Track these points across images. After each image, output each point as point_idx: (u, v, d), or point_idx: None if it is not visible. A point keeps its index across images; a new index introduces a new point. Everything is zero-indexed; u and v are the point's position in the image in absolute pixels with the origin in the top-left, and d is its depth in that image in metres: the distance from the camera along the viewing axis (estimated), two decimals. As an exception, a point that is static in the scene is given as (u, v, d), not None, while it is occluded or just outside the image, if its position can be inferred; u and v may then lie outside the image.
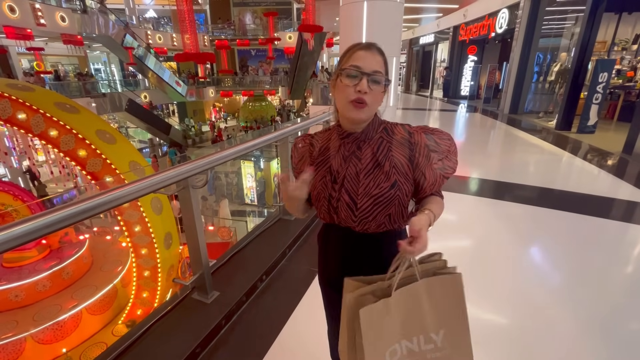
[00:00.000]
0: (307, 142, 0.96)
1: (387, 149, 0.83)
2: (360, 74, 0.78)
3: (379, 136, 0.85)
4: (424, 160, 0.83)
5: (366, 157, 0.84)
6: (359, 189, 0.82)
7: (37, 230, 0.81)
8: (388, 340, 0.73)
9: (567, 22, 8.90)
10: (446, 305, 0.74)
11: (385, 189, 0.81)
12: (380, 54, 0.81)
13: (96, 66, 22.95)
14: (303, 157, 0.95)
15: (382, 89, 0.81)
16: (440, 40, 16.74)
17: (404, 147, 0.83)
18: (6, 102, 4.36)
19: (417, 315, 0.74)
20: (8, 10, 10.11)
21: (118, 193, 0.96)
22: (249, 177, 11.68)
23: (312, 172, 0.85)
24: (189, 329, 1.43)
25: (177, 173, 1.16)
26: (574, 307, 1.88)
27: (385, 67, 0.81)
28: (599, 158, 5.20)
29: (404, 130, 0.85)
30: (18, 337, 4.25)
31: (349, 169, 0.84)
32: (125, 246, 5.66)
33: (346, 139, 0.86)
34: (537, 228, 2.95)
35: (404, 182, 0.82)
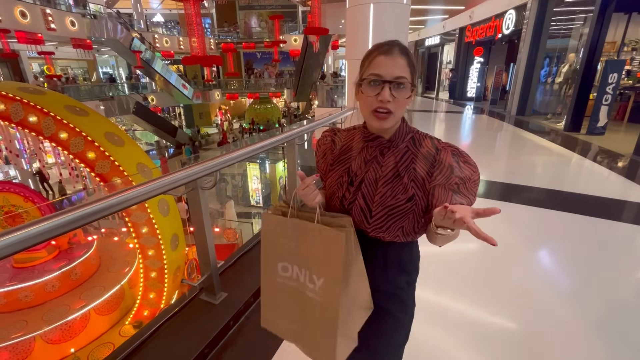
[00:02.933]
0: (329, 139, 0.94)
1: (409, 161, 0.80)
2: (382, 82, 0.73)
3: (405, 145, 0.81)
4: (441, 179, 0.78)
5: (388, 164, 0.81)
6: (375, 197, 0.80)
7: (52, 230, 0.83)
8: (282, 254, 0.85)
9: (575, 22, 8.80)
10: (328, 258, 0.77)
11: (401, 201, 0.78)
12: (404, 55, 0.75)
13: (104, 70, 23.30)
14: (325, 154, 0.93)
15: (408, 94, 0.75)
16: (446, 42, 16.68)
17: (427, 161, 0.79)
18: (18, 105, 4.45)
19: (308, 252, 0.80)
20: (20, 16, 10.33)
21: (130, 194, 0.97)
22: (254, 179, 11.73)
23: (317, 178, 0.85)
24: (197, 329, 1.43)
25: (186, 174, 1.18)
26: (583, 311, 1.84)
27: (410, 69, 0.75)
28: (609, 160, 5.12)
29: (432, 145, 0.81)
30: (27, 336, 4.31)
31: (369, 173, 0.82)
32: (133, 247, 5.72)
33: (371, 142, 0.83)
34: (546, 230, 2.91)
35: (421, 197, 0.79)
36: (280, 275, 0.86)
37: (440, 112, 11.74)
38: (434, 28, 16.87)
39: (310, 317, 0.83)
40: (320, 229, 0.77)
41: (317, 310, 0.81)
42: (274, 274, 0.87)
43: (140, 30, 16.31)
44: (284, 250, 0.84)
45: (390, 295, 0.88)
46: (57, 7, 11.85)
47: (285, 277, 0.86)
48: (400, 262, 0.87)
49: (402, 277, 0.89)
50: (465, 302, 1.93)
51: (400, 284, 0.89)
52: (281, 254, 0.85)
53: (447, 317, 1.82)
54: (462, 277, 2.20)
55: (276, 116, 20.34)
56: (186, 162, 1.23)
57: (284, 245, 0.84)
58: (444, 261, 2.37)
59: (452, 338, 1.66)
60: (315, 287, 0.80)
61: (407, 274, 0.90)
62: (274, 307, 0.90)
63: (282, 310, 0.89)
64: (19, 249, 0.78)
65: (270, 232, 0.85)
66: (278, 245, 0.85)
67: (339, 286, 0.76)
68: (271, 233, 0.85)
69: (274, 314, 0.90)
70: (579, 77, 7.01)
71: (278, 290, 0.87)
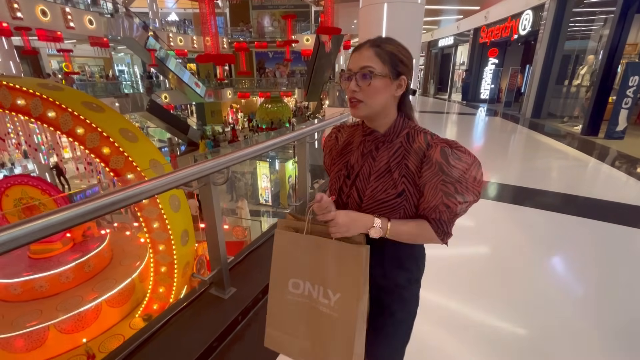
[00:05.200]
0: (333, 136, 0.98)
1: (401, 157, 0.81)
2: (350, 74, 0.78)
3: (400, 141, 0.82)
4: (429, 175, 0.77)
5: (381, 159, 0.83)
6: (367, 190, 0.82)
7: (73, 219, 0.85)
8: (294, 271, 0.84)
9: (594, 23, 8.57)
10: (347, 274, 0.78)
11: (391, 196, 0.79)
12: (373, 47, 0.77)
13: (120, 67, 23.79)
14: (330, 150, 0.97)
15: (371, 82, 0.76)
16: (460, 43, 16.45)
17: (417, 157, 0.79)
18: (38, 101, 4.58)
19: (322, 267, 0.80)
20: (40, 14, 10.63)
21: (146, 186, 0.99)
22: (264, 177, 11.80)
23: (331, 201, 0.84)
24: (206, 323, 1.45)
25: (199, 169, 1.19)
26: (596, 319, 1.79)
27: (381, 59, 0.76)
28: (628, 165, 4.97)
29: (424, 140, 0.80)
30: (42, 325, 4.43)
31: (364, 167, 0.84)
32: (144, 242, 5.82)
33: (368, 136, 0.86)
34: (560, 235, 2.84)
35: (413, 193, 0.79)
36: (290, 292, 0.85)
37: (452, 113, 11.59)
38: (447, 28, 16.65)
39: (324, 332, 0.82)
40: (339, 245, 0.78)
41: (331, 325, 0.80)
42: (283, 292, 0.86)
43: (155, 29, 16.58)
44: (297, 266, 0.84)
45: (390, 292, 0.88)
46: (76, 6, 12.15)
47: (295, 294, 0.85)
48: (398, 258, 0.87)
49: (401, 273, 0.88)
50: (474, 305, 1.90)
51: (400, 281, 0.88)
52: (293, 270, 0.84)
53: (454, 319, 1.80)
54: (471, 280, 2.16)
55: (287, 115, 20.41)
56: (198, 158, 1.25)
57: (296, 261, 0.83)
58: (453, 262, 2.33)
59: (458, 341, 1.64)
60: (330, 302, 0.80)
61: (407, 271, 0.89)
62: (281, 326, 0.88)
63: (290, 327, 0.87)
64: (42, 236, 0.80)
65: (284, 249, 0.85)
66: (290, 261, 0.84)
67: (357, 301, 0.77)
68: (284, 250, 0.85)
69: (279, 333, 0.89)
70: (598, 80, 6.82)
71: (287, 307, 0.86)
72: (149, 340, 1.37)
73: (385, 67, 0.76)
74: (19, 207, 5.05)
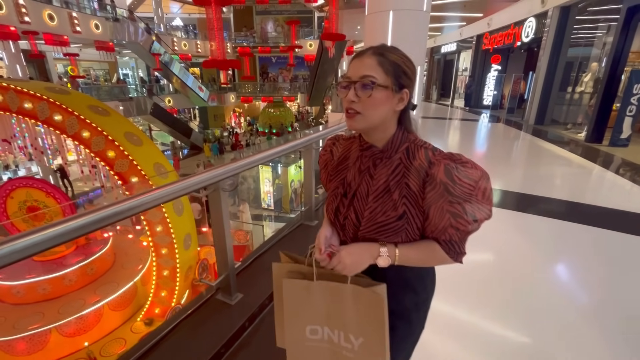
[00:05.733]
0: (328, 150, 0.91)
1: (401, 175, 0.74)
2: (349, 83, 0.72)
3: (399, 157, 0.75)
4: (433, 196, 0.70)
5: (379, 177, 0.76)
6: (365, 212, 0.76)
7: (86, 226, 0.85)
8: (310, 318, 0.79)
9: (598, 31, 8.60)
10: (368, 318, 0.74)
11: (391, 219, 0.73)
12: (376, 55, 0.71)
13: (124, 71, 24.00)
14: (326, 165, 0.91)
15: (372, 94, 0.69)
16: (463, 49, 16.53)
17: (419, 176, 0.72)
18: (44, 104, 4.62)
19: (340, 312, 0.76)
20: (48, 19, 10.77)
21: (160, 192, 1.00)
22: (266, 181, 11.81)
23: None
24: (213, 329, 1.44)
25: (210, 176, 1.20)
26: (603, 328, 1.78)
27: (383, 68, 0.70)
28: (633, 172, 4.95)
29: (425, 157, 0.72)
30: (44, 328, 4.42)
31: (361, 186, 0.78)
32: (146, 245, 5.82)
33: (365, 151, 0.79)
34: (563, 243, 2.83)
35: (415, 215, 0.73)
36: (309, 339, 0.81)
37: (455, 119, 11.61)
38: (450, 35, 16.75)
39: None
40: (356, 289, 0.73)
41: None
42: (302, 339, 0.81)
43: (160, 34, 16.76)
44: (312, 313, 0.79)
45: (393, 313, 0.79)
46: (82, 11, 12.31)
47: (315, 340, 0.81)
48: (405, 279, 0.80)
49: (408, 295, 0.82)
50: (478, 313, 1.89)
51: (407, 304, 0.82)
52: (309, 317, 0.79)
53: (460, 327, 1.78)
54: (475, 287, 2.15)
55: (289, 120, 20.50)
56: (204, 162, 1.26)
57: (311, 308, 0.78)
58: (456, 269, 2.32)
59: (463, 348, 1.63)
60: (353, 347, 0.76)
61: (414, 293, 0.83)
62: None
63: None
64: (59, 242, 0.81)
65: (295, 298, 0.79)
66: (305, 308, 0.79)
67: (384, 344, 0.73)
68: (296, 298, 0.79)
69: None
70: (602, 87, 6.82)
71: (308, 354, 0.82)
72: (156, 345, 1.37)
73: (388, 78, 0.70)
74: (23, 209, 5.02)
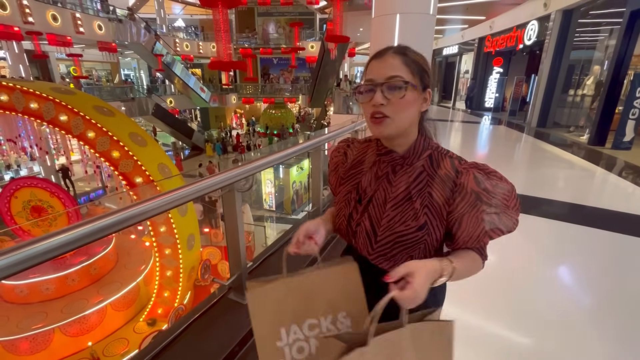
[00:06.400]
0: (341, 151, 0.87)
1: (424, 184, 0.71)
2: (374, 86, 0.68)
3: (421, 164, 0.72)
4: (465, 207, 0.68)
5: (399, 185, 0.73)
6: (382, 220, 0.72)
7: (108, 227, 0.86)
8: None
9: (600, 34, 8.63)
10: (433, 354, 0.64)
11: (411, 229, 0.69)
12: (398, 54, 0.69)
13: (126, 72, 24.06)
14: (336, 167, 0.86)
15: (405, 94, 0.67)
16: (465, 52, 16.58)
17: (445, 186, 0.70)
18: (50, 105, 4.64)
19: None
20: (51, 19, 10.82)
21: (177, 194, 1.01)
22: (268, 182, 11.83)
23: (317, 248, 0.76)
24: (227, 328, 1.45)
25: (228, 177, 1.21)
26: (606, 330, 1.78)
27: (409, 68, 0.68)
28: (635, 175, 4.96)
29: (451, 166, 0.71)
30: (47, 328, 4.42)
31: (378, 192, 0.74)
32: (149, 245, 5.83)
33: (384, 156, 0.76)
34: (567, 245, 2.84)
35: (436, 226, 0.70)
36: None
37: (456, 121, 11.63)
38: (452, 37, 16.80)
39: None
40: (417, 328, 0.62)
41: None
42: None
43: (162, 35, 16.82)
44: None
45: None
46: (85, 12, 12.36)
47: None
48: None
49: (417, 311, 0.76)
50: (480, 314, 1.90)
51: None
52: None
53: (462, 329, 1.79)
54: (477, 288, 2.16)
55: (290, 121, 20.54)
56: (200, 164, 1.26)
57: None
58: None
59: (466, 351, 1.63)
60: None
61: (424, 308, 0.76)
62: None
63: None
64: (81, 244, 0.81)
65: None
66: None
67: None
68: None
69: None
70: (605, 90, 6.85)
71: None
72: (170, 345, 1.38)
73: (415, 78, 0.68)
74: (27, 208, 5.02)
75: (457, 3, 9.99)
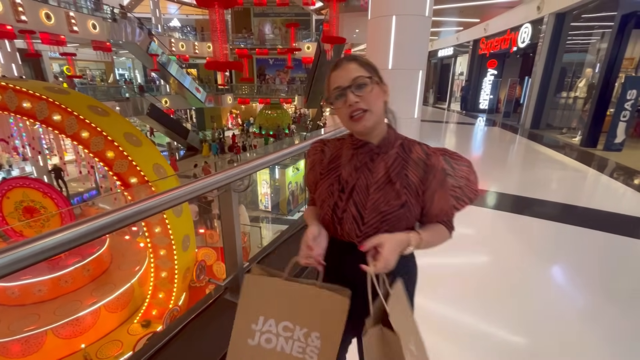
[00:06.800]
0: (318, 149, 0.93)
1: (401, 167, 0.80)
2: (342, 90, 0.77)
3: (395, 151, 0.82)
4: (436, 185, 0.79)
5: (378, 170, 0.81)
6: (367, 203, 0.79)
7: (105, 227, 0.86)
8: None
9: (592, 37, 8.77)
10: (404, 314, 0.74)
11: (394, 207, 0.78)
12: (352, 61, 0.79)
13: (121, 71, 23.86)
14: (313, 166, 0.92)
15: (373, 89, 0.77)
16: (459, 54, 16.71)
17: (418, 167, 0.79)
18: (43, 104, 4.59)
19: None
20: (44, 18, 10.70)
21: (169, 196, 1.00)
22: (264, 183, 11.80)
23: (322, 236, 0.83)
24: (224, 328, 1.45)
25: (225, 177, 1.21)
26: (597, 329, 1.81)
27: (365, 68, 0.78)
28: (626, 176, 5.05)
29: (422, 151, 0.81)
30: (39, 330, 4.36)
31: (360, 180, 0.82)
32: (143, 246, 5.78)
33: (360, 149, 0.84)
34: (560, 245, 2.88)
35: (414, 203, 0.79)
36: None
37: (451, 123, 11.72)
38: (447, 39, 16.93)
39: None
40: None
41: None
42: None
43: (158, 34, 16.72)
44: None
45: None
46: (79, 11, 12.24)
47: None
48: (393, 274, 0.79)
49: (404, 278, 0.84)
50: (474, 314, 1.92)
51: None
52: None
53: (457, 328, 1.81)
54: (472, 288, 2.19)
55: (286, 122, 20.52)
56: (195, 165, 1.26)
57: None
58: (453, 271, 2.35)
59: (461, 350, 1.65)
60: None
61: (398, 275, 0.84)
62: None
63: None
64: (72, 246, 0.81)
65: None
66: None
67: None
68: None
69: None
70: (596, 93, 6.95)
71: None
72: (166, 345, 1.37)
73: (373, 74, 0.79)
74: (19, 209, 4.95)
75: (453, 5, 10.08)
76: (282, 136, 18.56)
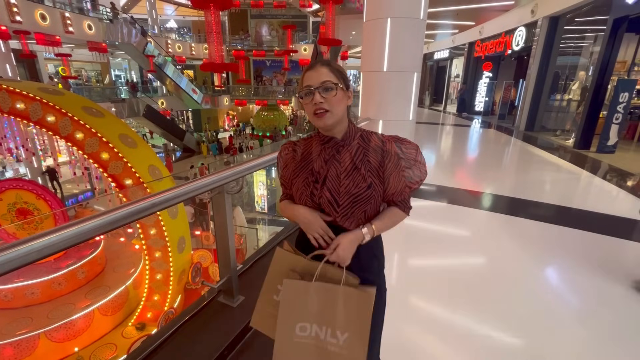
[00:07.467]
0: (290, 149, 1.04)
1: (363, 154, 0.92)
2: (311, 90, 0.87)
3: (357, 142, 0.94)
4: (392, 167, 0.91)
5: (345, 160, 0.92)
6: (340, 188, 0.91)
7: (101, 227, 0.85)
8: (301, 315, 0.89)
9: (585, 41, 8.87)
10: (356, 315, 0.84)
11: (363, 189, 0.90)
12: (325, 65, 0.90)
13: (117, 72, 23.73)
14: (287, 165, 1.02)
15: (336, 94, 0.88)
16: (455, 56, 16.82)
17: (377, 153, 0.92)
18: (37, 105, 4.55)
19: (330, 311, 0.86)
20: (39, 18, 10.61)
21: (169, 194, 1.00)
22: (260, 185, 11.78)
23: None
24: (216, 331, 1.44)
25: (215, 179, 1.21)
26: (590, 329, 1.83)
27: (335, 74, 0.89)
28: (619, 178, 5.10)
29: (378, 139, 0.94)
30: (32, 334, 4.31)
31: (330, 170, 0.93)
32: (138, 248, 5.74)
33: (327, 144, 0.95)
34: (553, 246, 2.90)
35: (378, 183, 0.91)
36: (297, 335, 0.89)
37: (447, 124, 11.78)
38: (443, 42, 17.05)
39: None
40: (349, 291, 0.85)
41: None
42: (290, 337, 0.89)
43: (154, 36, 16.66)
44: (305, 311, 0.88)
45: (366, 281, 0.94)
46: (75, 11, 12.17)
47: (302, 337, 0.89)
48: (369, 247, 0.95)
49: (373, 260, 0.99)
50: (469, 315, 1.93)
51: (373, 269, 0.99)
52: (300, 315, 0.89)
53: (452, 330, 1.82)
54: (466, 289, 2.19)
55: (283, 123, 20.50)
56: (192, 166, 1.26)
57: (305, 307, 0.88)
58: (448, 272, 2.37)
59: (456, 352, 1.66)
60: (338, 342, 0.86)
61: (376, 258, 1.00)
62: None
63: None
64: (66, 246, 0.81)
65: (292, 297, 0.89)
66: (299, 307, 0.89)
67: (366, 339, 0.83)
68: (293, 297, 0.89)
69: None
70: (589, 95, 7.03)
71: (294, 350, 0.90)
72: (159, 348, 1.36)
73: (340, 81, 0.89)
74: (12, 211, 4.90)
75: (448, 8, 10.16)
76: (279, 138, 18.54)
